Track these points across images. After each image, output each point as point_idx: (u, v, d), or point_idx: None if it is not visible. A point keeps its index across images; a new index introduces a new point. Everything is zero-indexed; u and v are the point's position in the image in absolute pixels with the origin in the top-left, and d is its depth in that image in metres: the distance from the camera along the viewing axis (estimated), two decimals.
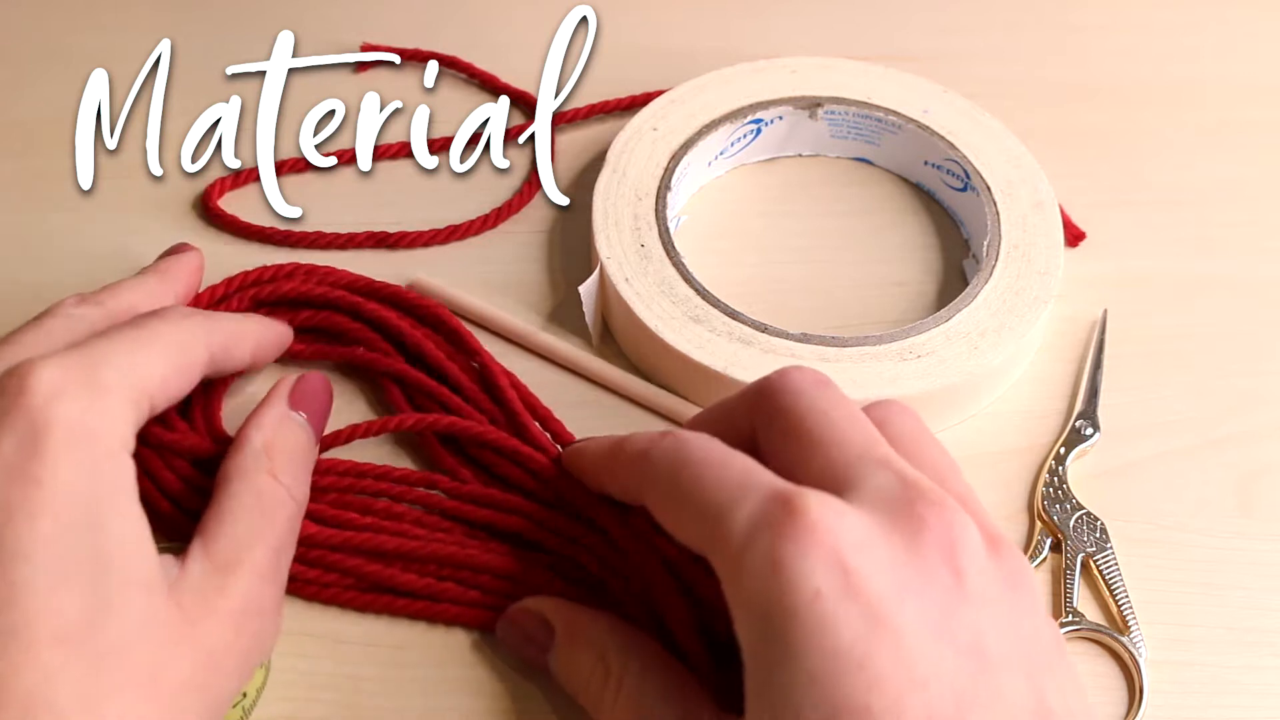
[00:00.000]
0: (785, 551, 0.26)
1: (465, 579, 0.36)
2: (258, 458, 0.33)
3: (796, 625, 0.25)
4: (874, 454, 0.29)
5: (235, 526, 0.32)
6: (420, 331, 0.41)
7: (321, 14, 0.55)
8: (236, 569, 0.31)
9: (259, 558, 0.32)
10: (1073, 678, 0.28)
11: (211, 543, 0.31)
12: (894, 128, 0.48)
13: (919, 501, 0.27)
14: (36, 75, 0.52)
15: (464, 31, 0.54)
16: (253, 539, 0.32)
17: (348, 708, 0.35)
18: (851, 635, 0.25)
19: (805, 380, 0.31)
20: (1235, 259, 0.47)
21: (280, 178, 0.48)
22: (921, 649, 0.25)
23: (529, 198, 0.48)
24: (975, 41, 0.56)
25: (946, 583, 0.26)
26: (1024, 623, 0.27)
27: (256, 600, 0.31)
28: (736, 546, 0.27)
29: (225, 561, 0.31)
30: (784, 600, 0.25)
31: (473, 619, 0.36)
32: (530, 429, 0.39)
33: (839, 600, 0.25)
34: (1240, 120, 0.52)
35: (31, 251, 0.46)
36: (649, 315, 0.41)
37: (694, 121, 0.47)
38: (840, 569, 0.25)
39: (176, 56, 0.49)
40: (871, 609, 0.25)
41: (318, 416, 0.36)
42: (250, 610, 0.31)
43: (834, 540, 0.26)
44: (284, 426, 0.35)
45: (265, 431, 0.34)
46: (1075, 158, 0.50)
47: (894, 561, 0.26)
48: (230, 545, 0.31)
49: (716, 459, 0.29)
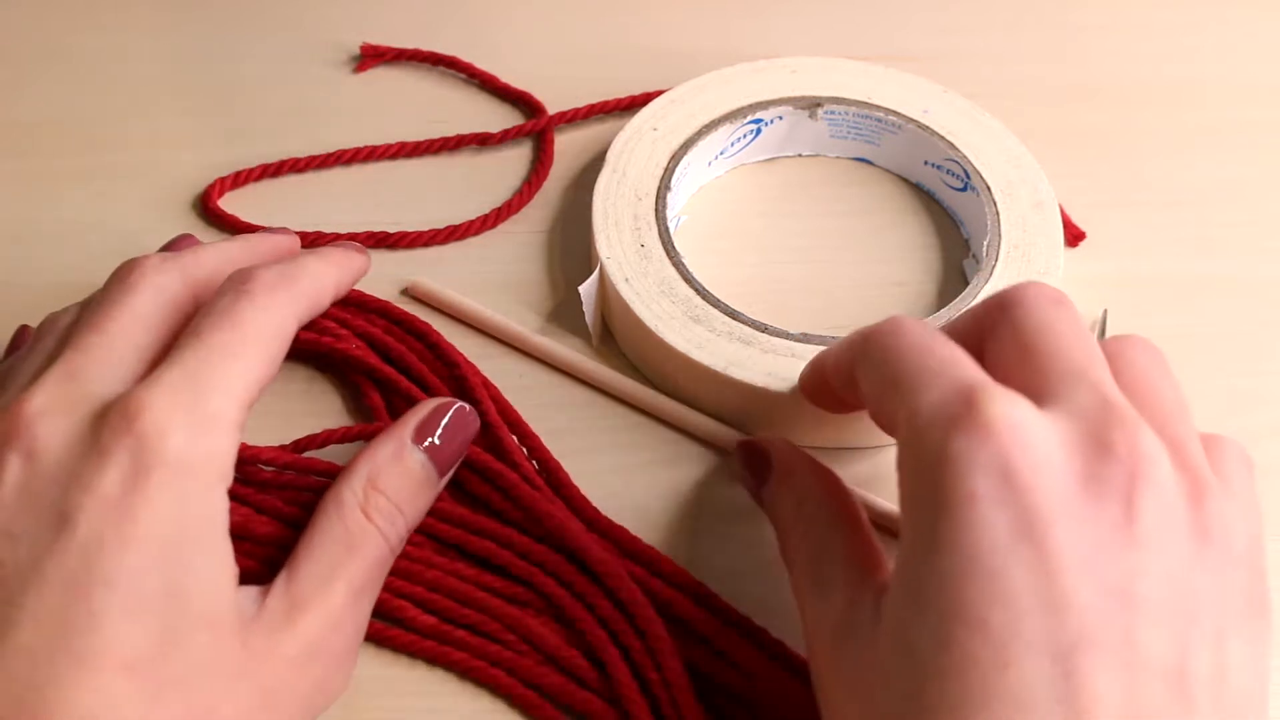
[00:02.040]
0: (953, 446, 0.25)
1: (424, 601, 0.36)
2: (355, 492, 0.33)
3: (944, 521, 0.25)
4: (1088, 373, 0.28)
5: (316, 564, 0.31)
6: (404, 344, 0.41)
7: (321, 14, 0.55)
8: (307, 608, 0.31)
9: (333, 599, 0.31)
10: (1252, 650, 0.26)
11: (293, 576, 0.31)
12: (894, 128, 0.48)
13: (1114, 427, 0.26)
14: (36, 75, 0.52)
15: (464, 31, 0.54)
16: (331, 578, 0.31)
17: (348, 708, 0.35)
18: (992, 544, 0.24)
19: (1042, 295, 0.30)
20: (1235, 259, 0.47)
21: (280, 177, 0.48)
22: (1060, 576, 0.24)
23: (529, 198, 0.48)
24: (975, 41, 0.56)
25: (1114, 517, 0.25)
26: (1201, 578, 0.25)
27: (324, 644, 0.31)
28: (916, 429, 0.27)
29: (300, 598, 0.31)
30: (940, 494, 0.25)
31: (423, 650, 0.36)
32: (505, 442, 0.39)
33: (992, 506, 0.25)
34: (1240, 120, 0.52)
35: (31, 251, 0.46)
36: (649, 315, 0.41)
37: (694, 121, 0.47)
38: (1002, 474, 0.25)
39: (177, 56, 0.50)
40: (1023, 522, 0.24)
41: (446, 454, 0.35)
42: (316, 653, 0.31)
43: (1003, 444, 0.25)
44: (398, 462, 0.34)
45: (374, 463, 0.33)
46: (1075, 158, 0.50)
47: (1065, 480, 0.25)
48: (308, 582, 0.31)
49: (925, 343, 0.29)
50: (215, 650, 0.29)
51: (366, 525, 0.32)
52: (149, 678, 0.27)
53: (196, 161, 0.49)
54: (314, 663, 0.31)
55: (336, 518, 0.32)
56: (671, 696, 0.34)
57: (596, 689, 0.35)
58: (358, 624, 0.32)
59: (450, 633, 0.36)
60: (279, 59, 0.53)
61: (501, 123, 0.51)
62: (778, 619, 0.36)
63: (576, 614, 0.36)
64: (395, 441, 0.34)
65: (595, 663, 0.35)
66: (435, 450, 0.34)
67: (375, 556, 0.32)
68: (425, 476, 0.34)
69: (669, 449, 0.41)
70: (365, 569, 0.32)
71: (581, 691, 0.35)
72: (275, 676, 0.30)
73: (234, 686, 0.29)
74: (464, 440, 0.36)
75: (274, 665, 0.30)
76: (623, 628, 0.35)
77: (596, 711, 0.34)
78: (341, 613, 0.31)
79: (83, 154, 0.49)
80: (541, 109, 0.51)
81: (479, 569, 0.37)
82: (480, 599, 0.36)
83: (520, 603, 0.36)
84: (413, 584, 0.36)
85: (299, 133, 0.50)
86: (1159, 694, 0.24)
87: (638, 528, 0.38)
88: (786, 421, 0.40)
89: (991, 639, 0.24)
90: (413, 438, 0.34)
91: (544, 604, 0.36)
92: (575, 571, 0.36)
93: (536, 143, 0.50)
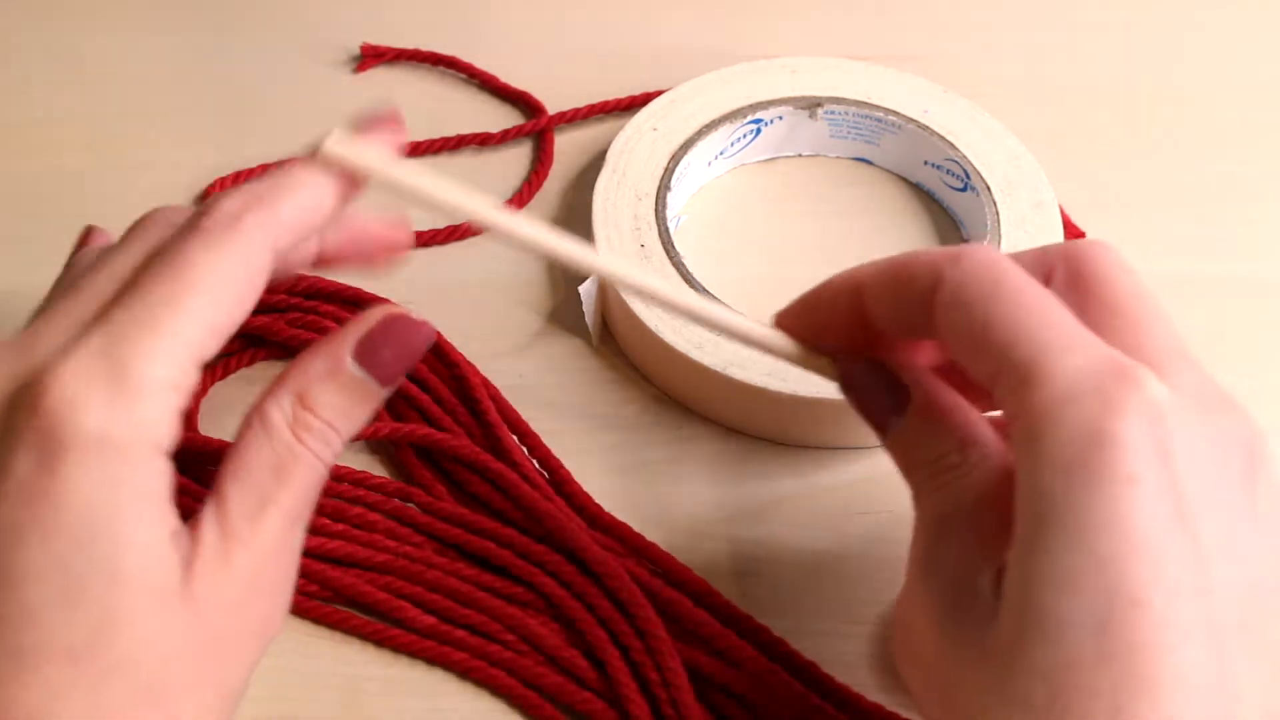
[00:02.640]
0: (1116, 424, 0.24)
1: (424, 601, 0.36)
2: (283, 410, 0.29)
3: (1100, 501, 0.24)
4: (1186, 350, 0.28)
5: (246, 493, 0.28)
6: None
7: (321, 14, 0.55)
8: (241, 543, 0.28)
9: (266, 532, 0.28)
10: None
11: (222, 507, 0.28)
12: (894, 128, 0.48)
13: (1230, 411, 0.26)
14: (36, 75, 0.52)
15: (464, 31, 0.54)
16: (262, 508, 0.28)
17: (348, 708, 0.35)
18: (1155, 528, 0.24)
19: (1123, 258, 0.29)
20: (1235, 259, 0.47)
21: None
22: (1212, 562, 0.24)
23: (529, 198, 0.48)
24: (975, 41, 0.56)
25: (1240, 502, 0.25)
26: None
27: (262, 577, 0.28)
28: (1056, 396, 0.25)
29: (232, 533, 0.28)
30: (1097, 471, 0.24)
31: (423, 650, 0.36)
32: (505, 442, 0.39)
33: (1153, 490, 0.24)
34: (1240, 120, 0.52)
35: (32, 252, 0.46)
36: (649, 315, 0.41)
37: (694, 121, 0.47)
38: (1163, 457, 0.24)
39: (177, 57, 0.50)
40: (1180, 507, 0.24)
41: (391, 369, 0.30)
42: (256, 589, 0.28)
43: (1164, 428, 0.25)
44: (332, 379, 0.29)
45: (305, 378, 0.29)
46: (1075, 158, 0.50)
47: (1207, 466, 0.25)
48: (238, 516, 0.28)
49: (1039, 295, 0.27)
50: (159, 619, 0.27)
51: (297, 448, 0.29)
52: (92, 663, 0.26)
53: (196, 161, 0.49)
54: (256, 598, 0.29)
55: (264, 439, 0.29)
56: (671, 696, 0.34)
57: (596, 689, 0.35)
58: (294, 551, 0.30)
59: (450, 633, 0.36)
60: (279, 59, 0.53)
61: (501, 123, 0.51)
62: (778, 619, 0.36)
63: (576, 614, 0.36)
64: (331, 357, 0.30)
65: (595, 663, 0.35)
66: (378, 366, 0.30)
67: (308, 481, 0.29)
68: (365, 392, 0.30)
69: (669, 449, 0.41)
70: (298, 495, 0.29)
71: (581, 691, 0.35)
72: (220, 621, 0.28)
73: (181, 647, 0.27)
74: (412, 353, 0.31)
75: (217, 609, 0.28)
76: (623, 628, 0.35)
77: (596, 711, 0.34)
78: (277, 543, 0.29)
79: (83, 154, 0.49)
80: (541, 109, 0.51)
81: (479, 569, 0.37)
82: (480, 599, 0.36)
83: (520, 603, 0.36)
84: (413, 584, 0.36)
85: (299, 133, 0.50)
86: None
87: (638, 528, 0.38)
88: (786, 421, 0.40)
89: (1156, 622, 0.24)
90: (353, 352, 0.30)
91: (544, 604, 0.36)
92: (575, 571, 0.36)
93: (536, 143, 0.50)
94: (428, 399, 0.40)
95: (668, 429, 0.41)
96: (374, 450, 0.40)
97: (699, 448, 0.41)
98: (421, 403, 0.40)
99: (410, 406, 0.40)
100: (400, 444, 0.39)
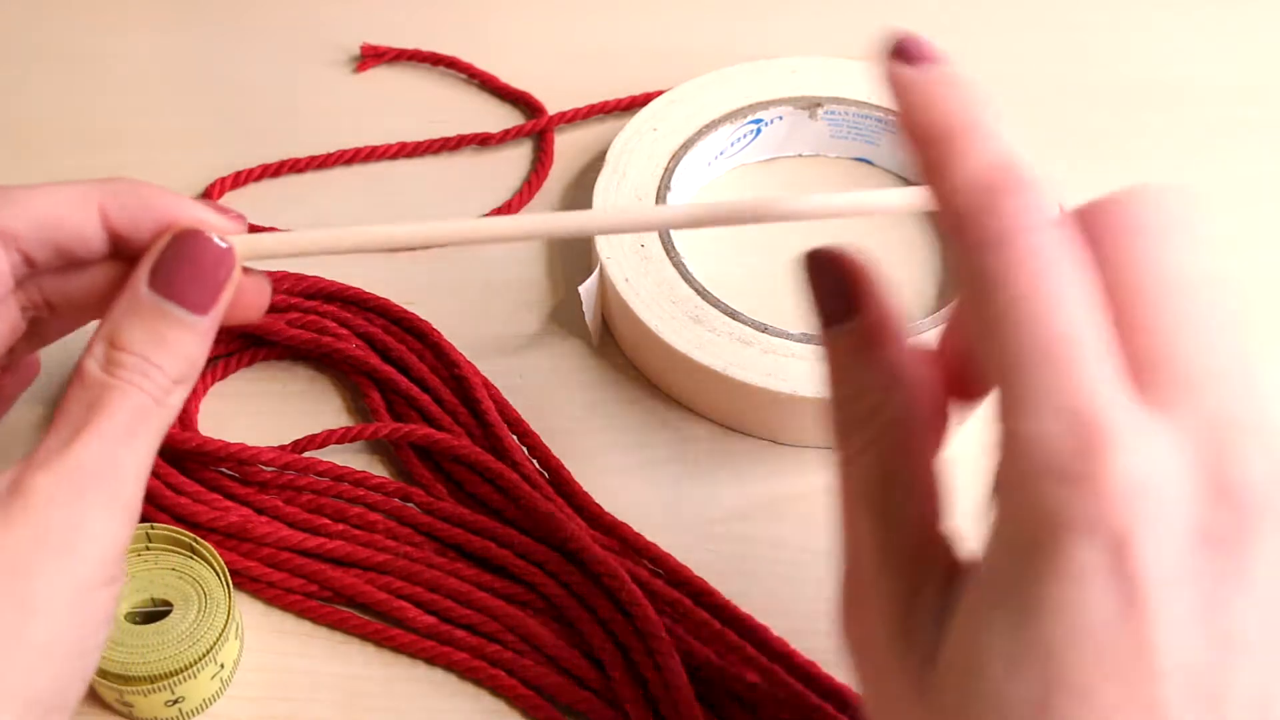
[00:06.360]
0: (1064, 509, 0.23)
1: (424, 601, 0.36)
2: (95, 357, 0.28)
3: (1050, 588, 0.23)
4: (1223, 381, 0.24)
5: (56, 433, 0.28)
6: (404, 344, 0.41)
7: (321, 14, 0.55)
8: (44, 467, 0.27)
9: (79, 451, 0.27)
10: None
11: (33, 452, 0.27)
12: (894, 128, 0.48)
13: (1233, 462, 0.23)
14: (36, 75, 0.52)
15: (464, 31, 0.54)
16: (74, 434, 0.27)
17: (348, 708, 0.35)
18: (1102, 618, 0.23)
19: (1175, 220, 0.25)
20: (1235, 259, 0.47)
21: (280, 177, 0.48)
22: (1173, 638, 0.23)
23: (529, 198, 0.48)
24: (975, 41, 0.56)
25: (1224, 569, 0.23)
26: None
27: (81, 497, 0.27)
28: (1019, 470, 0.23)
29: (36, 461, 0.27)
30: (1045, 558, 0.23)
31: (423, 650, 0.36)
32: (505, 441, 0.39)
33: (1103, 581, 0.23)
34: (1240, 120, 0.52)
35: None
36: (649, 315, 0.41)
37: (694, 121, 0.47)
38: (1117, 548, 0.22)
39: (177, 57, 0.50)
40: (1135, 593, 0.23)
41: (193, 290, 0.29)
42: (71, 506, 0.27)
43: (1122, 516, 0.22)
44: (133, 313, 0.28)
45: (110, 321, 0.28)
46: (1075, 158, 0.50)
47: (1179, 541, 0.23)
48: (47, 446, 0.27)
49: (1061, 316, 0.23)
50: None
51: (110, 381, 0.28)
52: None
53: (196, 161, 0.49)
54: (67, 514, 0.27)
55: (78, 386, 0.28)
56: (671, 696, 0.34)
57: (596, 689, 0.35)
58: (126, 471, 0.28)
59: (450, 633, 0.36)
60: (279, 59, 0.53)
61: (501, 123, 0.51)
62: (778, 619, 0.36)
63: (576, 614, 0.36)
64: (129, 291, 0.29)
65: (595, 663, 0.35)
66: (175, 290, 0.29)
67: (127, 406, 0.28)
68: (170, 319, 0.28)
69: (669, 449, 0.41)
70: (116, 419, 0.28)
71: (581, 691, 0.35)
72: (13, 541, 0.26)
73: None
74: (207, 272, 0.29)
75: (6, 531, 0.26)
76: (623, 628, 0.35)
77: (596, 711, 0.34)
78: (97, 463, 0.27)
79: (83, 154, 0.49)
80: (541, 109, 0.51)
81: (479, 569, 0.37)
82: (480, 599, 0.36)
83: (520, 603, 0.36)
84: (413, 584, 0.36)
85: (299, 133, 0.50)
86: None
87: (638, 528, 0.38)
88: (787, 422, 0.40)
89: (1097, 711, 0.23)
90: (148, 283, 0.29)
91: (544, 604, 0.36)
92: (575, 571, 0.36)
93: (536, 143, 0.50)
94: (428, 399, 0.40)
95: (668, 429, 0.41)
96: (374, 450, 0.40)
97: (699, 448, 0.41)
98: (421, 403, 0.40)
99: (410, 406, 0.40)
100: (400, 444, 0.39)
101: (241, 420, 0.41)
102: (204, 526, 0.37)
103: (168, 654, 0.33)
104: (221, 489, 0.38)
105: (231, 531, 0.37)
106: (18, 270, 0.30)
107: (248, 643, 0.36)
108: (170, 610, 0.34)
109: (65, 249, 0.30)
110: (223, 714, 0.35)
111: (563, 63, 0.54)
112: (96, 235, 0.30)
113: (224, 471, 0.39)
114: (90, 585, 0.27)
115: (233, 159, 0.48)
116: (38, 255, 0.30)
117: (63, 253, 0.30)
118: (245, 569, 0.36)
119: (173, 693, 0.33)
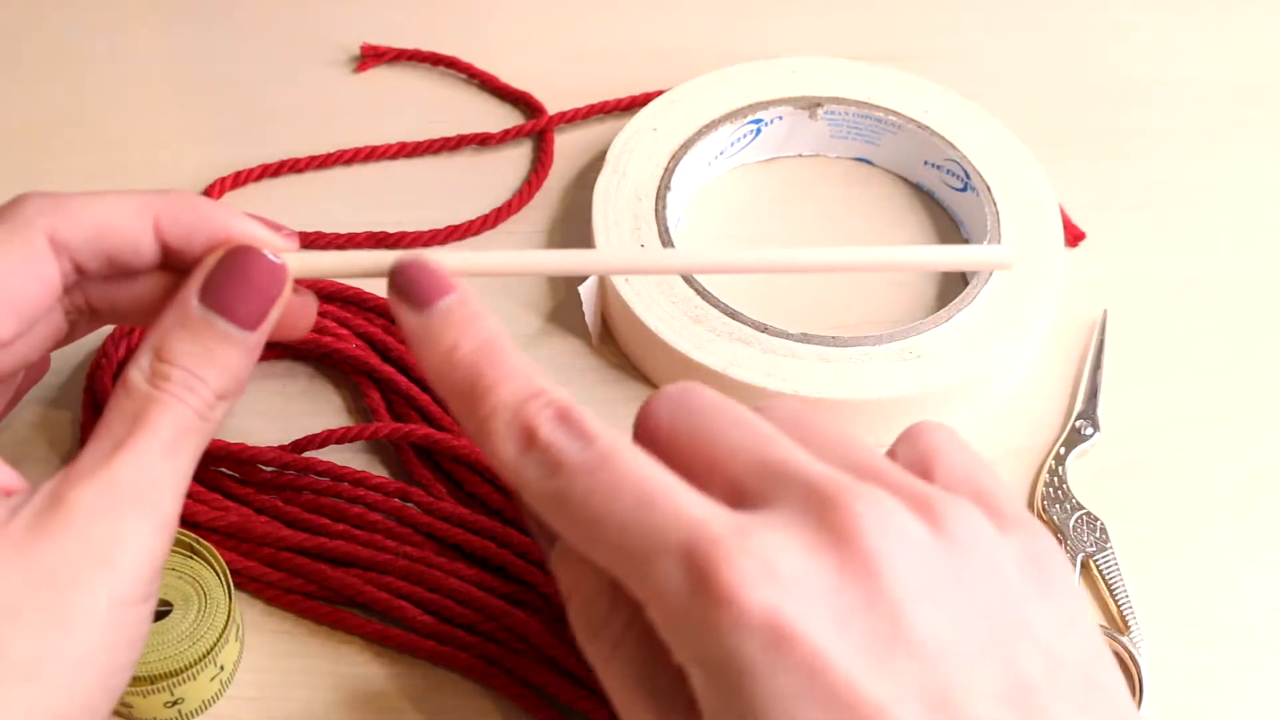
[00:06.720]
0: (710, 626, 0.23)
1: (424, 601, 0.36)
2: (142, 369, 0.28)
3: (734, 698, 0.23)
4: (771, 459, 0.26)
5: (99, 443, 0.28)
6: (404, 343, 0.41)
7: (321, 14, 0.55)
8: (86, 480, 0.27)
9: (122, 464, 0.27)
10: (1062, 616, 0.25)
11: (72, 462, 0.27)
12: (894, 128, 0.48)
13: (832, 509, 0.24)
14: (36, 75, 0.52)
15: (464, 31, 0.54)
16: (116, 447, 0.27)
17: (348, 708, 0.35)
18: (789, 697, 0.23)
19: (667, 401, 0.27)
20: (1235, 259, 0.47)
21: (280, 177, 0.48)
22: (866, 678, 0.23)
23: (529, 198, 0.48)
24: (975, 41, 0.56)
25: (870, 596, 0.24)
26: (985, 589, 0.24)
27: (117, 509, 0.27)
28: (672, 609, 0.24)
29: (76, 474, 0.27)
30: (718, 672, 0.23)
31: (423, 650, 0.36)
32: None
33: (771, 666, 0.23)
34: (1240, 120, 0.52)
35: None
36: (649, 315, 0.41)
37: (694, 121, 0.47)
38: (766, 631, 0.23)
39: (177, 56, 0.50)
40: (808, 662, 0.23)
41: (244, 307, 0.29)
42: (110, 517, 0.27)
43: (755, 600, 0.23)
44: (183, 327, 0.29)
45: (159, 333, 0.29)
46: (1075, 158, 0.50)
47: (826, 587, 0.23)
48: (87, 460, 0.27)
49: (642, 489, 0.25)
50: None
51: (154, 394, 0.28)
52: None
53: (196, 161, 0.49)
54: (106, 526, 0.27)
55: (123, 397, 0.28)
56: None
57: (596, 689, 0.35)
58: (167, 483, 0.28)
59: (450, 633, 0.36)
60: (279, 59, 0.53)
61: (501, 123, 0.51)
62: None
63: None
64: (178, 305, 0.29)
65: None
66: (225, 306, 0.29)
67: (172, 419, 0.28)
68: (219, 334, 0.29)
69: None
70: (159, 433, 0.28)
71: (581, 691, 0.35)
72: (52, 555, 0.26)
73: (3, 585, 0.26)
74: (259, 289, 0.29)
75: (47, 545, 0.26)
76: None
77: (596, 711, 0.34)
78: (139, 477, 0.27)
79: (83, 154, 0.49)
80: (541, 109, 0.51)
81: (479, 569, 0.37)
82: (480, 599, 0.36)
83: (520, 603, 0.36)
84: (413, 584, 0.36)
85: (299, 133, 0.50)
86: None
87: None
88: None
89: None
90: (198, 297, 0.29)
91: (544, 604, 0.36)
92: None
93: (536, 143, 0.50)
94: (428, 399, 0.40)
95: None
96: (374, 450, 0.40)
97: None
98: (421, 403, 0.40)
99: (410, 406, 0.40)
100: (400, 444, 0.39)
101: (241, 420, 0.41)
102: (204, 526, 0.37)
103: (167, 654, 0.33)
104: (221, 489, 0.38)
105: (231, 531, 0.37)
106: (68, 278, 0.30)
107: (248, 643, 0.36)
108: (170, 610, 0.34)
109: (117, 259, 0.30)
110: (222, 715, 0.35)
111: (563, 63, 0.54)
112: (149, 246, 0.30)
113: (224, 471, 0.39)
114: (127, 601, 0.27)
115: (233, 159, 0.48)
116: (89, 264, 0.30)
117: (114, 262, 0.30)
118: (245, 569, 0.36)
119: (172, 694, 0.33)
